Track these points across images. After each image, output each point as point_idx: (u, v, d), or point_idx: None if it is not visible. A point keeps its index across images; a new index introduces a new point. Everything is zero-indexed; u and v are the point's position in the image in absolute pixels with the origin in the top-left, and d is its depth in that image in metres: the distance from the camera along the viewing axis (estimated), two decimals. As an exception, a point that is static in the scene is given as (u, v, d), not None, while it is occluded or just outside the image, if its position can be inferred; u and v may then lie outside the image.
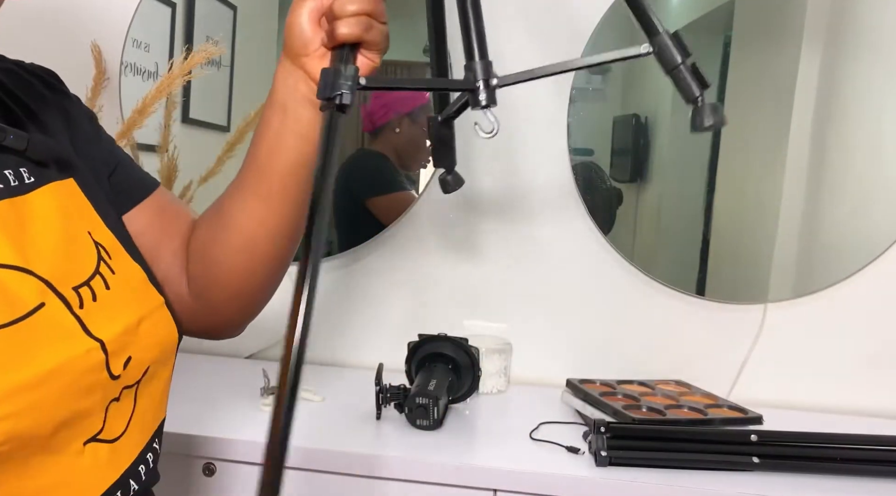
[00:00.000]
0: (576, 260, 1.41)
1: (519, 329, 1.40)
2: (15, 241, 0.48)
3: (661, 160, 1.42)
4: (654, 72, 1.45)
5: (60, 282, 0.49)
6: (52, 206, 0.53)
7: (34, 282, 0.47)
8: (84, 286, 0.51)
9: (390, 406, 1.12)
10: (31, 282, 0.47)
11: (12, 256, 0.47)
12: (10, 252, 0.47)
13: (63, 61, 1.45)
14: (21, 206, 0.50)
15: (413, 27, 1.47)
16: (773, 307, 1.36)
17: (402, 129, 1.48)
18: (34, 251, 0.49)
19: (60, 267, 0.50)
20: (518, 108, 1.38)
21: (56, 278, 0.49)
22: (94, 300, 0.51)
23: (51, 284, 0.48)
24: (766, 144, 1.41)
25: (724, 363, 1.38)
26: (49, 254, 0.50)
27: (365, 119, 1.49)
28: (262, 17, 1.53)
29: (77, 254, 0.53)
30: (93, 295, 0.51)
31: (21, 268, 0.47)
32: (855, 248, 1.35)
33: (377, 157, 1.50)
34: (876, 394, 1.35)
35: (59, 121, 0.62)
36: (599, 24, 1.35)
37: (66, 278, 0.50)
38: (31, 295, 0.47)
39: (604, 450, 0.99)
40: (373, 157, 1.50)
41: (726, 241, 1.42)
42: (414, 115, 1.48)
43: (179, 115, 1.45)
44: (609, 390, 1.26)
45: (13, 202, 0.50)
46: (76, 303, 0.50)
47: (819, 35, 1.36)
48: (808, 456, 1.01)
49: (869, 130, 1.36)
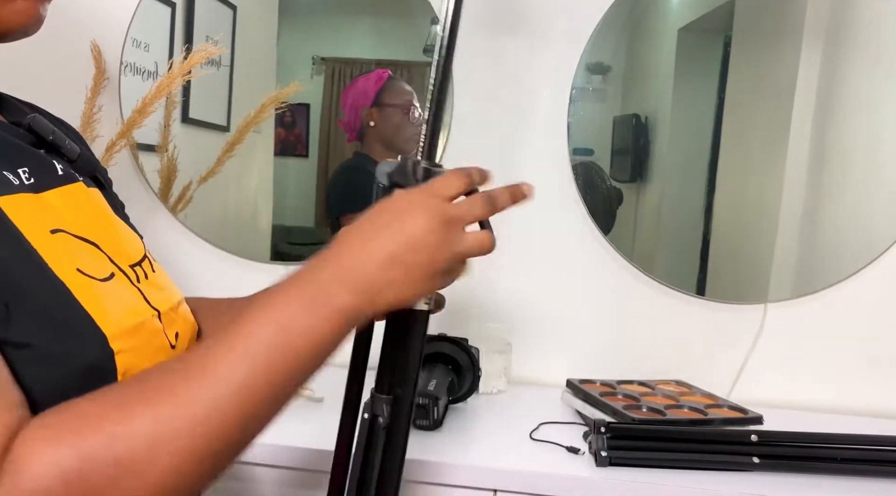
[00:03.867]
0: (576, 260, 1.40)
1: (519, 329, 1.40)
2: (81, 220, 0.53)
3: (661, 160, 1.42)
4: (654, 72, 1.45)
5: (119, 259, 0.54)
6: (96, 197, 0.58)
7: (102, 256, 0.52)
8: (137, 266, 0.56)
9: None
10: (101, 255, 0.52)
11: (84, 232, 0.52)
12: (83, 228, 0.52)
13: (63, 61, 1.46)
14: (75, 192, 0.55)
15: (413, 27, 1.47)
16: (773, 307, 1.36)
17: (376, 120, 1.46)
18: (94, 231, 0.53)
19: (117, 247, 0.54)
20: (518, 107, 1.38)
21: (116, 255, 0.54)
22: (146, 278, 0.56)
23: (113, 260, 0.53)
24: (766, 144, 1.41)
25: (724, 363, 1.38)
26: (106, 235, 0.55)
27: (346, 132, 1.49)
28: (262, 17, 1.53)
29: (127, 239, 0.58)
30: (144, 274, 0.57)
31: (91, 242, 0.52)
32: (855, 248, 1.35)
33: (355, 171, 1.49)
34: (876, 394, 1.35)
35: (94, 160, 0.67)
36: (599, 24, 1.35)
37: (123, 257, 0.54)
38: (104, 265, 0.51)
39: (604, 451, 0.98)
40: (351, 171, 1.49)
41: (726, 241, 1.42)
42: (379, 103, 1.46)
43: (179, 115, 1.45)
44: (609, 390, 1.26)
45: (71, 188, 0.55)
46: (134, 278, 0.55)
47: (819, 35, 1.36)
48: (808, 456, 1.01)
49: (869, 130, 1.36)
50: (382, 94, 1.46)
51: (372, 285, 0.49)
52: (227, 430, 0.42)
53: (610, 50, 1.39)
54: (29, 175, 0.50)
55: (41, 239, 0.47)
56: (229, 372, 0.43)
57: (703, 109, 1.39)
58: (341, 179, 1.50)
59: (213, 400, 0.42)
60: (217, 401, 0.42)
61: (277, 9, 1.48)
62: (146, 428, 0.40)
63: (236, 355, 0.44)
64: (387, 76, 1.46)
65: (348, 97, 1.48)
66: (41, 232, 0.48)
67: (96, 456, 0.38)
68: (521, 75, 1.38)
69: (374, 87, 1.46)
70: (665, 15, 1.43)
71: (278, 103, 1.43)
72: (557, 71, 1.37)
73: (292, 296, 0.47)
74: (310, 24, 1.54)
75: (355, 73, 1.50)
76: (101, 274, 0.50)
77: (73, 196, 0.54)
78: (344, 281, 0.48)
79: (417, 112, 1.45)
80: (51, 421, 0.39)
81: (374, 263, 0.49)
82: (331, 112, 1.51)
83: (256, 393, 0.43)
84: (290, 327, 0.46)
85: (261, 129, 1.46)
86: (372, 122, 1.46)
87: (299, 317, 0.46)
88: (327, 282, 0.48)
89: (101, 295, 0.49)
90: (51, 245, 0.47)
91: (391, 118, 1.47)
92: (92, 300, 0.48)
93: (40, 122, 0.55)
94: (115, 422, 0.39)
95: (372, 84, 1.46)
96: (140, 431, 0.39)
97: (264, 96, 1.43)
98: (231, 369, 0.43)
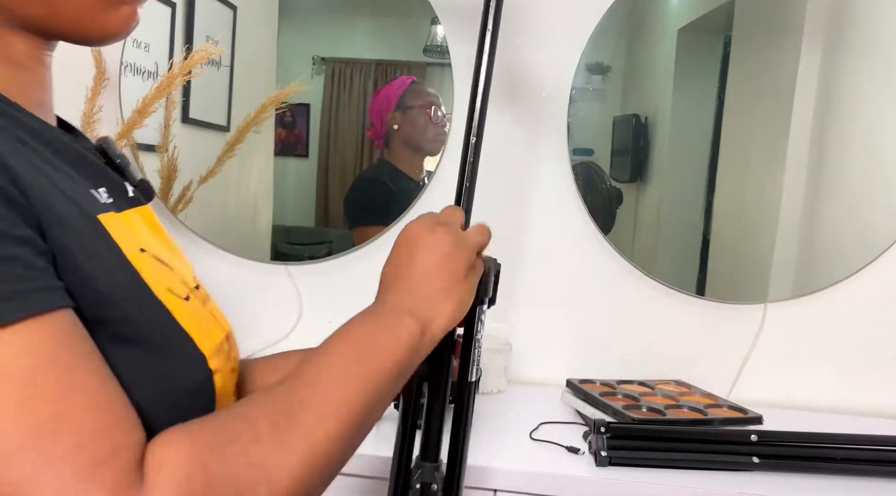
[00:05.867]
0: (576, 260, 1.41)
1: (519, 329, 1.40)
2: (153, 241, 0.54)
3: (661, 160, 1.42)
4: (653, 72, 1.46)
5: (187, 281, 0.55)
6: (158, 221, 0.59)
7: (177, 278, 0.52)
8: (196, 289, 0.56)
9: (390, 406, 1.12)
10: (175, 276, 0.52)
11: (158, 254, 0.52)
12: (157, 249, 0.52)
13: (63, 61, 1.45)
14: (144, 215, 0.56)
15: (413, 27, 1.47)
16: (772, 307, 1.36)
17: (399, 123, 1.47)
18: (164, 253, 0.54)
19: (182, 269, 0.55)
20: (518, 107, 1.38)
21: (185, 277, 0.55)
22: (207, 299, 0.58)
23: (185, 281, 0.54)
24: (766, 144, 1.41)
25: (724, 363, 1.38)
26: (172, 257, 0.55)
27: (376, 140, 1.50)
28: (262, 17, 1.53)
29: (185, 262, 0.60)
30: (205, 297, 0.58)
31: (165, 264, 0.52)
32: (855, 248, 1.35)
33: (372, 183, 1.50)
34: (875, 394, 1.35)
35: None
36: (599, 24, 1.35)
37: (188, 279, 0.55)
38: (181, 286, 0.52)
39: (604, 450, 0.98)
40: (369, 183, 1.50)
41: (726, 241, 1.42)
42: (401, 106, 1.47)
43: (179, 115, 1.45)
44: (609, 390, 1.26)
45: (139, 211, 0.55)
46: (201, 299, 0.55)
47: (819, 35, 1.36)
48: (808, 456, 1.01)
49: (868, 130, 1.36)
50: (405, 98, 1.47)
51: (427, 303, 0.56)
52: (334, 440, 0.45)
53: (610, 50, 1.39)
54: (108, 195, 0.50)
55: (134, 256, 0.47)
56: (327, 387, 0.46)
57: (703, 109, 1.39)
58: (358, 191, 1.51)
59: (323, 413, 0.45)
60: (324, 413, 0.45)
61: (277, 9, 1.48)
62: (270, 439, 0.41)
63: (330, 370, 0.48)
64: (410, 81, 1.48)
65: (374, 105, 1.49)
66: (133, 250, 0.47)
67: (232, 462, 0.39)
68: (521, 75, 1.38)
69: (397, 91, 1.48)
70: (665, 15, 1.43)
71: (278, 103, 1.43)
72: (557, 71, 1.37)
73: (366, 327, 0.53)
74: (310, 24, 1.54)
75: (355, 73, 1.50)
76: (181, 294, 0.51)
77: (142, 218, 0.55)
78: (405, 308, 0.55)
79: (440, 111, 1.45)
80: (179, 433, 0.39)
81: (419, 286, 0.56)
82: (331, 112, 1.51)
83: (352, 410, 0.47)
84: (373, 348, 0.51)
85: (261, 129, 1.46)
86: (395, 125, 1.47)
87: (378, 339, 0.51)
88: (391, 312, 0.54)
89: (190, 315, 0.50)
90: (143, 263, 0.48)
91: (414, 119, 1.48)
92: (186, 320, 0.49)
93: (110, 144, 0.57)
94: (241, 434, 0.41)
95: (395, 89, 1.48)
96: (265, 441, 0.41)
97: (264, 96, 1.43)
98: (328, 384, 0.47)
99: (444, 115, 1.45)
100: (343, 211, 1.52)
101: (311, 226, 1.55)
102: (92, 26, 0.49)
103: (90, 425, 0.35)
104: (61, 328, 0.37)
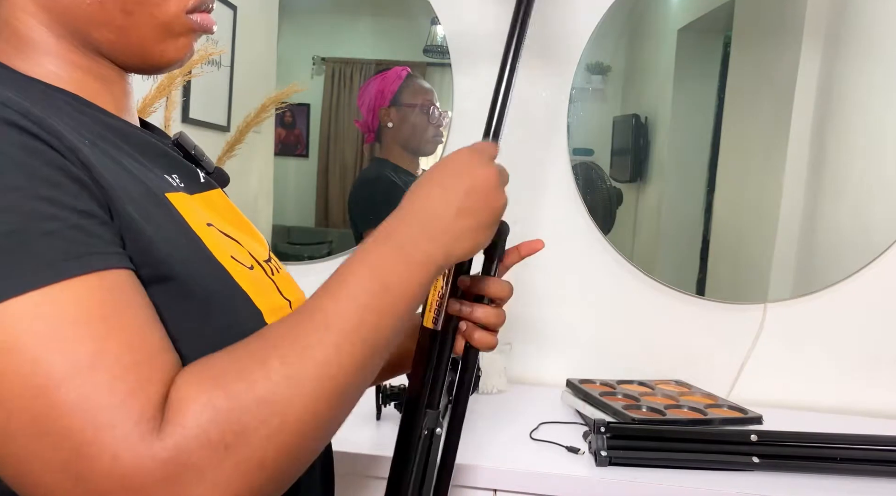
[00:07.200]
0: (576, 260, 1.40)
1: (519, 329, 1.40)
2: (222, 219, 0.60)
3: (661, 160, 1.42)
4: (653, 72, 1.46)
5: (255, 255, 0.61)
6: (231, 203, 0.67)
7: (244, 250, 0.59)
8: (268, 262, 0.62)
9: (390, 406, 1.12)
10: (243, 249, 0.59)
11: (226, 230, 0.58)
12: (225, 226, 0.59)
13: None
14: (214, 197, 0.63)
15: (413, 27, 1.47)
16: (772, 307, 1.36)
17: (394, 120, 1.43)
18: (233, 230, 0.60)
19: (252, 245, 0.62)
20: (518, 107, 1.38)
21: (252, 252, 0.60)
22: (277, 272, 0.63)
23: (252, 254, 0.60)
24: (766, 144, 1.41)
25: (724, 363, 1.38)
26: (242, 233, 0.62)
27: (364, 133, 1.46)
28: (262, 17, 1.53)
29: (258, 239, 0.66)
30: (273, 270, 0.63)
31: (233, 239, 0.58)
32: (855, 248, 1.35)
33: (375, 182, 1.45)
34: (875, 394, 1.35)
35: None
36: (599, 24, 1.35)
37: (257, 254, 0.61)
38: (247, 257, 0.58)
39: (604, 450, 0.98)
40: (372, 183, 1.46)
41: (726, 241, 1.42)
42: (397, 102, 1.43)
43: (179, 115, 1.45)
44: (609, 390, 1.26)
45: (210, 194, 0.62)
46: (269, 271, 0.61)
47: (819, 35, 1.36)
48: (808, 456, 1.01)
49: (869, 130, 1.36)
50: (401, 94, 1.42)
51: (449, 235, 0.55)
52: (347, 372, 0.46)
53: (610, 50, 1.39)
54: (180, 180, 0.58)
55: (200, 229, 0.54)
56: (339, 317, 0.47)
57: (703, 109, 1.39)
58: (363, 193, 1.47)
59: (334, 344, 0.46)
60: (336, 344, 0.46)
61: (277, 9, 1.48)
62: (279, 372, 0.44)
63: (342, 302, 0.48)
64: (405, 74, 1.42)
65: (365, 96, 1.43)
66: (199, 224, 0.54)
67: (242, 397, 0.42)
68: (521, 75, 1.38)
69: (393, 86, 1.42)
70: (665, 15, 1.43)
71: (278, 103, 1.43)
72: (557, 71, 1.37)
73: (383, 249, 0.53)
74: (310, 24, 1.54)
75: (355, 73, 1.50)
76: (247, 263, 0.57)
77: (213, 200, 0.62)
78: (426, 232, 0.54)
79: (438, 111, 1.41)
80: (198, 370, 0.44)
81: (449, 214, 0.55)
82: (331, 112, 1.51)
83: (366, 335, 0.48)
84: (386, 274, 0.51)
85: (261, 129, 1.46)
86: (390, 123, 1.42)
87: (393, 265, 0.52)
88: (413, 234, 0.54)
89: (252, 279, 0.56)
90: (208, 234, 0.55)
91: (410, 118, 1.43)
92: (246, 282, 0.55)
93: (186, 138, 0.65)
94: (253, 369, 0.44)
95: (390, 83, 1.42)
96: (275, 376, 0.43)
97: (264, 96, 1.43)
98: (341, 314, 0.48)
99: (441, 113, 1.42)
100: (348, 215, 1.49)
101: (311, 226, 1.55)
102: (153, 53, 0.56)
103: (125, 361, 0.41)
104: (114, 283, 0.42)
